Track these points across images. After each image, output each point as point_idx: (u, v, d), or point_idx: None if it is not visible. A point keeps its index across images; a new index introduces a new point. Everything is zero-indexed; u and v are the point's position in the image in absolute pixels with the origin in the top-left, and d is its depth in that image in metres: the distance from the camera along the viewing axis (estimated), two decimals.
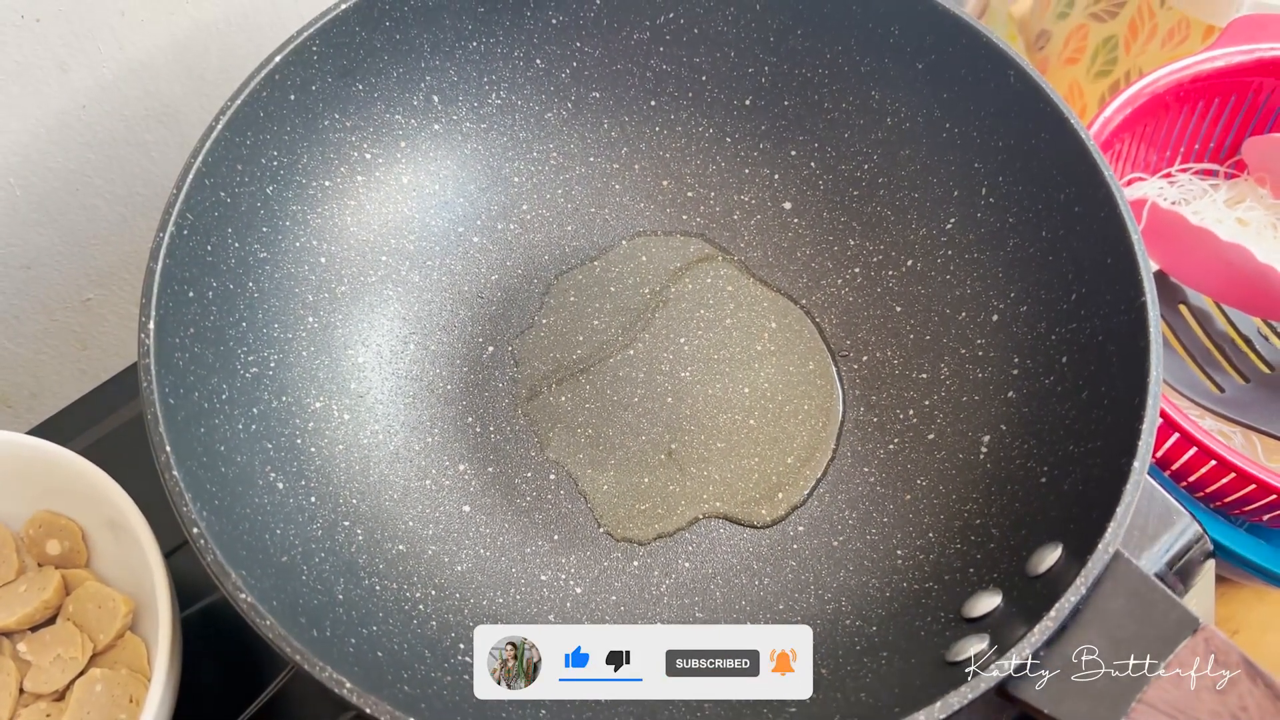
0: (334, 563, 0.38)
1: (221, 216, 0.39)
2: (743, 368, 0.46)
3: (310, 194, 0.43)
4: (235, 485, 0.37)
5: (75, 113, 0.48)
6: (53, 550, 0.42)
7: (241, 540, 0.35)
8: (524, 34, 0.46)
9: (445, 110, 0.46)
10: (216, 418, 0.37)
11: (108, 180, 0.51)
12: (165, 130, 0.51)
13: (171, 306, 0.36)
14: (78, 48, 0.46)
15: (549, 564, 0.42)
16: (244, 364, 0.40)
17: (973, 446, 0.42)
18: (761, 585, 0.41)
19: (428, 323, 0.46)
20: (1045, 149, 0.41)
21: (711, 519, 0.43)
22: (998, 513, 0.39)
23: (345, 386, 0.43)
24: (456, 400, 0.45)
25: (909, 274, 0.46)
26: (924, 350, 0.45)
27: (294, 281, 0.43)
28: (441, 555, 0.41)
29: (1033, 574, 0.35)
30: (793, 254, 0.48)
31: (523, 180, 0.48)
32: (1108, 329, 0.38)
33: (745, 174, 0.49)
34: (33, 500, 0.42)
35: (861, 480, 0.43)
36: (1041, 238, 0.42)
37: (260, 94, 0.40)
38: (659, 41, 0.47)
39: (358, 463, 0.42)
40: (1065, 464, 0.38)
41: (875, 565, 0.41)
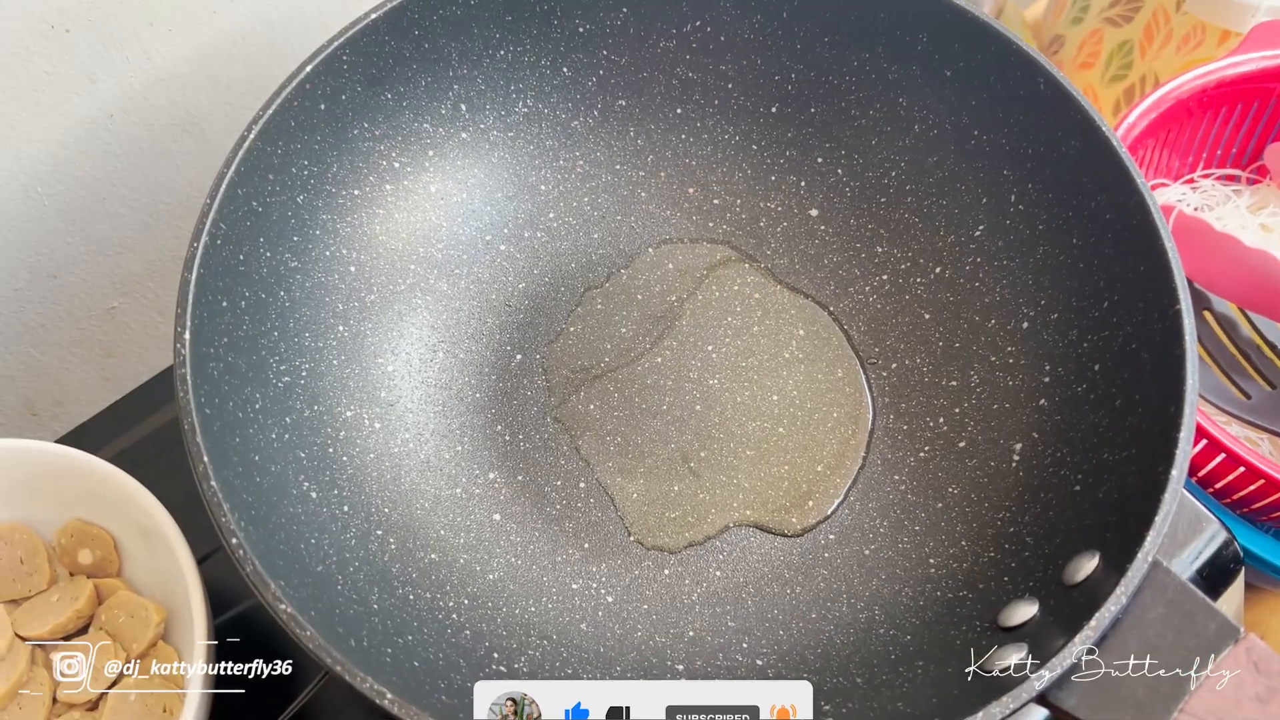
0: (368, 572, 0.38)
1: (254, 226, 0.39)
2: (771, 375, 0.46)
3: (340, 203, 0.43)
4: (270, 495, 0.37)
5: (103, 122, 0.48)
6: (85, 559, 0.42)
7: (278, 550, 0.35)
8: (551, 42, 0.46)
9: (473, 119, 0.46)
10: (251, 427, 0.38)
11: (133, 189, 0.51)
12: (190, 140, 0.52)
13: (206, 316, 0.37)
14: (106, 58, 0.46)
15: (580, 572, 0.41)
16: (276, 373, 0.40)
17: (1005, 454, 0.41)
18: (793, 594, 0.41)
19: (456, 331, 0.46)
20: (1076, 156, 0.41)
21: (742, 527, 0.43)
22: (1031, 521, 0.39)
23: (376, 395, 0.43)
24: (485, 408, 0.45)
25: (937, 281, 0.46)
26: (953, 357, 0.44)
27: (324, 290, 0.43)
28: (473, 564, 0.41)
29: (1070, 583, 0.35)
30: (819, 261, 0.48)
31: (549, 188, 0.48)
32: (1141, 337, 0.38)
33: (771, 181, 0.49)
34: (64, 509, 0.42)
35: (892, 488, 0.43)
36: (1072, 245, 0.42)
37: (291, 103, 0.40)
38: (685, 49, 0.47)
39: (389, 471, 0.42)
40: (1099, 472, 0.38)
41: (908, 574, 0.41)
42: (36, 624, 0.40)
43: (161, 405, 0.50)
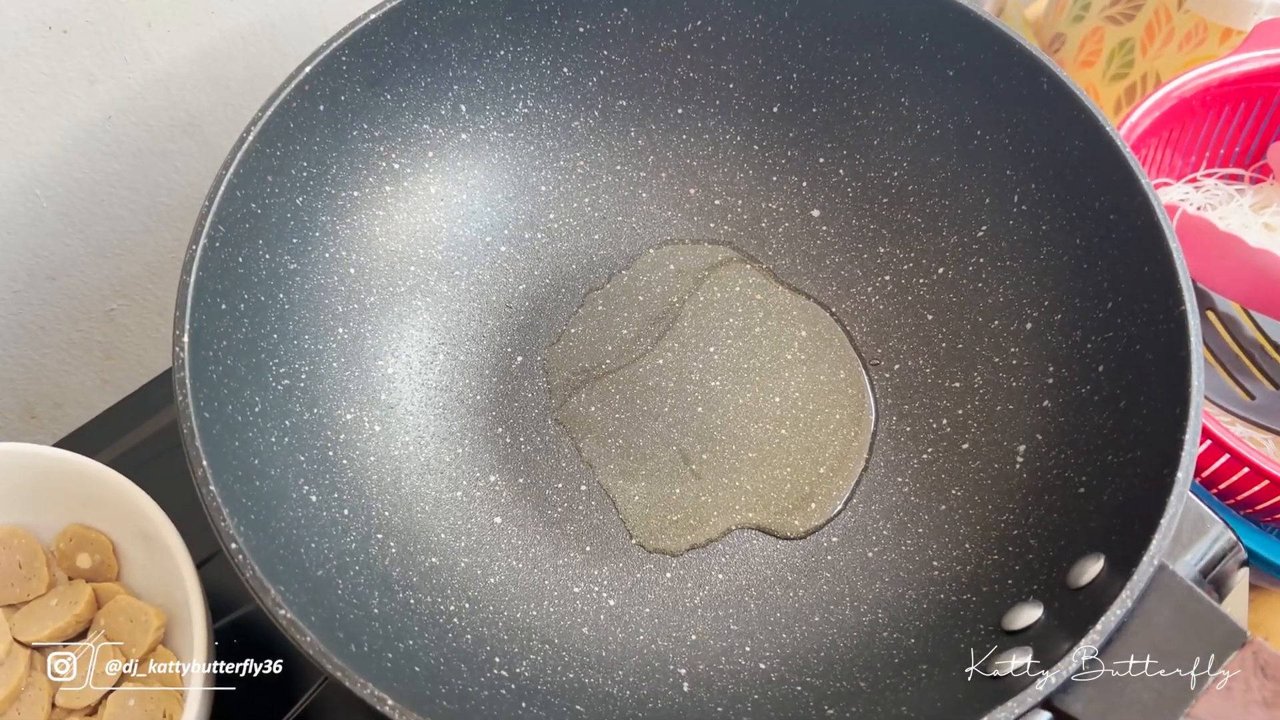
0: (368, 576, 0.38)
1: (253, 228, 0.39)
2: (773, 376, 0.46)
3: (339, 204, 0.43)
4: (270, 499, 0.36)
5: (101, 123, 0.47)
6: (83, 564, 0.41)
7: (278, 555, 0.34)
8: (551, 42, 0.46)
9: (473, 119, 0.46)
10: (250, 431, 0.37)
11: (132, 190, 0.51)
12: (190, 140, 0.51)
13: (205, 319, 0.36)
14: (105, 59, 0.46)
15: (582, 576, 0.41)
16: (276, 376, 0.40)
17: (1008, 456, 0.41)
18: (796, 597, 0.41)
19: (456, 333, 0.46)
20: (1079, 156, 0.41)
21: (745, 530, 0.42)
22: (1035, 523, 0.39)
23: (376, 398, 0.43)
24: (486, 411, 0.45)
25: (940, 282, 0.46)
26: (956, 359, 0.44)
27: (324, 293, 0.42)
28: (474, 568, 0.41)
29: (1074, 586, 0.35)
30: (821, 261, 0.48)
31: (550, 189, 0.48)
32: (1146, 338, 0.38)
33: (773, 181, 0.49)
34: (63, 513, 0.42)
35: (895, 490, 0.43)
36: (1076, 245, 0.41)
37: (290, 105, 0.40)
38: (686, 49, 0.47)
39: (389, 475, 0.42)
40: (1104, 474, 0.37)
41: (911, 576, 0.40)
42: (35, 629, 0.40)
43: (161, 407, 0.50)
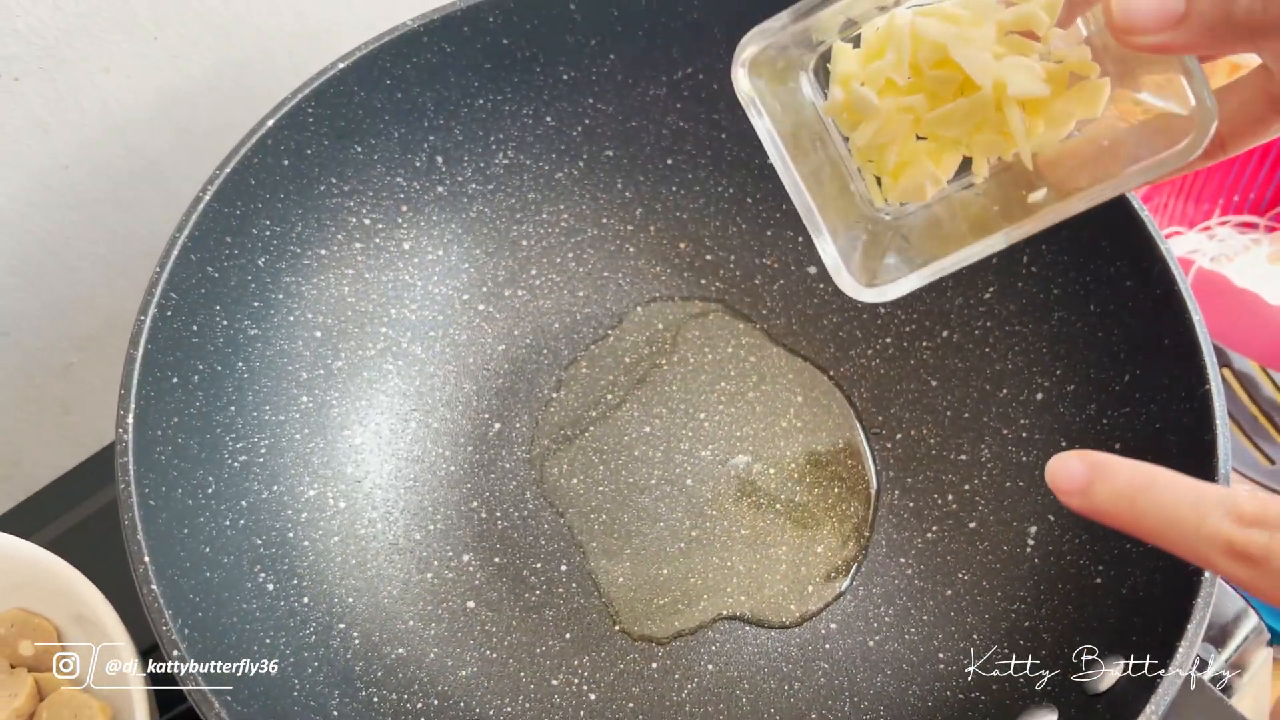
0: (328, 672, 0.35)
1: (209, 294, 0.37)
2: (767, 445, 0.43)
3: (305, 264, 0.41)
4: (221, 591, 0.34)
5: (56, 173, 0.45)
6: (25, 651, 0.39)
7: (228, 654, 0.32)
8: (534, 90, 0.44)
9: (449, 171, 0.44)
10: (201, 515, 0.35)
11: (90, 241, 0.48)
12: (150, 188, 0.49)
13: (153, 396, 0.34)
14: (59, 106, 0.43)
15: (561, 666, 0.38)
16: (232, 452, 0.37)
17: (1019, 538, 0.39)
18: (792, 690, 0.38)
19: (430, 398, 0.43)
20: (1094, 218, 0.38)
21: (735, 620, 0.39)
22: (1048, 615, 0.36)
23: (341, 471, 0.40)
24: (460, 483, 0.42)
25: (945, 345, 0.43)
26: (963, 429, 0.42)
27: (287, 359, 0.40)
28: (445, 659, 0.38)
29: (1093, 692, 0.32)
30: (819, 321, 0.45)
31: (531, 244, 0.46)
32: (1167, 417, 0.35)
33: (767, 236, 0.46)
34: (4, 597, 0.39)
35: (898, 572, 0.40)
36: (1090, 312, 0.39)
37: (251, 160, 0.37)
38: (676, 97, 0.45)
39: (354, 556, 0.39)
40: (1122, 564, 0.35)
41: (915, 670, 0.38)
42: None
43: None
